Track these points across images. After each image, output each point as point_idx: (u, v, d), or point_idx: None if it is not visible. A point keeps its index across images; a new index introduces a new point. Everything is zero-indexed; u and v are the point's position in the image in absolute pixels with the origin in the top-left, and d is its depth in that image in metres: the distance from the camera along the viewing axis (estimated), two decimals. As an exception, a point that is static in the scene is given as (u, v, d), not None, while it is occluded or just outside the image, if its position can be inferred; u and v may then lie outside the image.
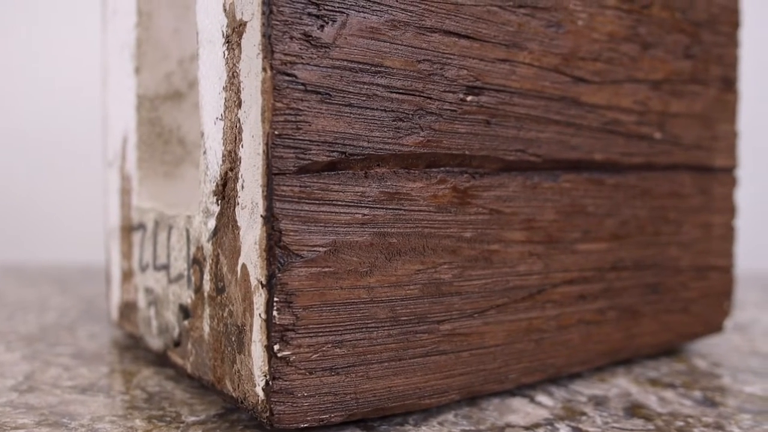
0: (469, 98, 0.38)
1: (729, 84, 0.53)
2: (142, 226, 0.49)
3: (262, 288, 0.33)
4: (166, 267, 0.45)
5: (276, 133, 0.32)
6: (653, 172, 0.48)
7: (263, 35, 0.33)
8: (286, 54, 0.33)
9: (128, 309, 0.52)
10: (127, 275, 0.51)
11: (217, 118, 0.37)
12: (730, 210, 0.54)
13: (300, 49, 0.33)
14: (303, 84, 0.33)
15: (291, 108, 0.33)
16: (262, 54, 0.33)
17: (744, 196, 0.60)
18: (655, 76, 0.47)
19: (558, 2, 0.42)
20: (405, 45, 0.36)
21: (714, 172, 0.53)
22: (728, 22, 0.53)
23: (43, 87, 0.96)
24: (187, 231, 0.41)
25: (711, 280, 0.53)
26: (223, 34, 0.36)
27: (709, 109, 0.52)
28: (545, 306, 0.43)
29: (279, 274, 0.33)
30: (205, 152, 0.38)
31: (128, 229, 0.51)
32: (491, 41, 0.39)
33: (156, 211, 0.46)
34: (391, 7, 0.35)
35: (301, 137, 0.33)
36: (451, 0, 0.37)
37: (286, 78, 0.33)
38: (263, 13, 0.33)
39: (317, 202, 0.34)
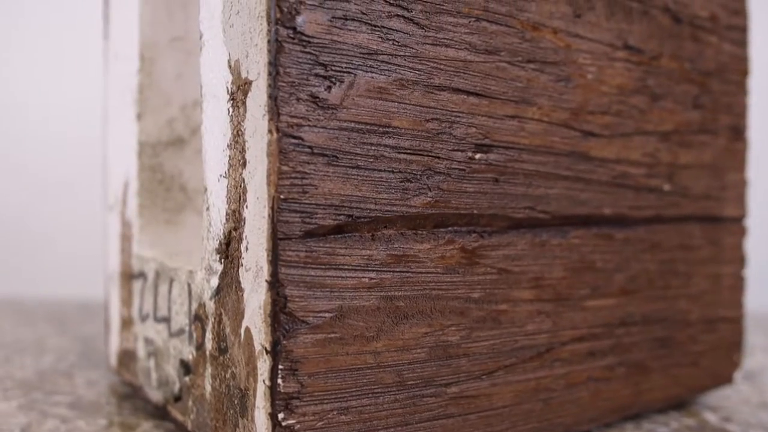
0: (477, 156, 0.38)
1: (738, 133, 0.53)
2: (142, 275, 0.48)
3: (267, 354, 0.32)
4: (166, 320, 0.44)
5: (282, 197, 0.32)
6: (663, 225, 0.47)
7: (269, 96, 0.32)
8: (292, 116, 0.32)
9: (127, 357, 0.51)
10: (126, 323, 0.51)
11: (221, 176, 0.36)
12: (740, 260, 0.54)
13: (307, 110, 0.32)
14: (309, 147, 0.32)
15: (297, 171, 0.32)
16: (268, 115, 0.32)
17: (751, 238, 0.59)
18: (664, 127, 0.47)
19: (567, 56, 0.41)
20: (413, 104, 0.35)
21: (723, 222, 0.52)
22: (737, 70, 0.52)
23: (44, 120, 0.96)
24: (189, 286, 0.41)
25: (720, 331, 0.52)
26: (227, 91, 0.35)
27: (718, 159, 0.51)
28: (554, 365, 0.42)
29: (284, 341, 0.32)
30: (208, 209, 0.38)
31: (128, 276, 0.50)
32: (500, 98, 0.38)
33: (157, 261, 0.45)
34: (399, 66, 0.35)
35: (307, 201, 0.32)
36: (460, 57, 0.37)
37: (293, 141, 0.32)
38: (269, 74, 0.32)
39: (323, 266, 0.33)
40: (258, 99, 0.33)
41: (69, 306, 0.88)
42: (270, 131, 0.32)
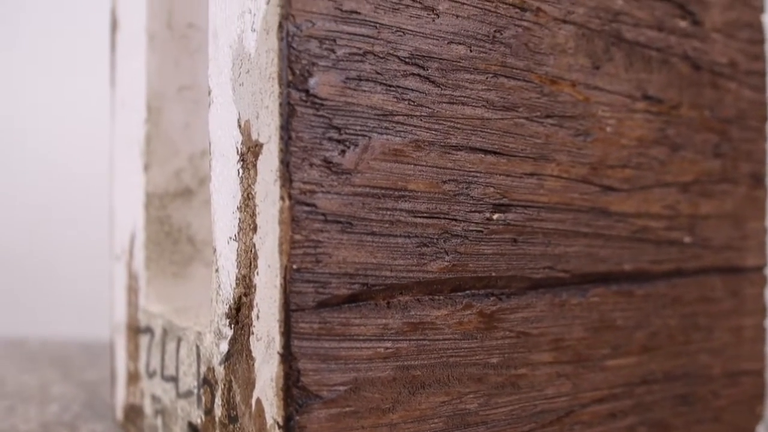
0: (495, 217, 0.36)
1: (758, 180, 0.51)
2: (149, 330, 0.46)
3: (279, 429, 0.31)
4: (174, 379, 0.43)
5: (295, 267, 0.30)
6: (683, 278, 0.46)
7: (281, 162, 0.31)
8: (305, 182, 0.31)
9: (134, 413, 0.49)
10: (133, 377, 0.49)
11: (230, 238, 0.35)
12: (761, 310, 0.52)
13: (320, 176, 0.31)
14: (323, 214, 0.31)
15: (310, 240, 0.31)
16: (280, 181, 0.31)
17: None
18: (684, 178, 0.45)
19: (586, 110, 0.40)
20: (429, 166, 0.34)
21: (744, 273, 0.51)
22: (757, 116, 0.51)
23: (49, 155, 0.95)
24: (197, 348, 0.39)
25: (743, 385, 0.51)
26: (237, 151, 0.34)
27: (738, 208, 0.50)
28: (574, 428, 0.40)
29: (297, 417, 0.31)
30: (217, 270, 0.36)
31: (135, 329, 0.49)
32: (518, 155, 0.37)
33: (165, 319, 0.44)
34: (415, 126, 0.34)
35: (320, 270, 0.31)
36: (477, 115, 0.36)
37: (306, 208, 0.31)
38: (281, 138, 0.31)
39: (338, 338, 0.32)
40: (269, 163, 0.32)
41: (73, 347, 0.87)
42: (282, 198, 0.31)
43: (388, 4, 0.33)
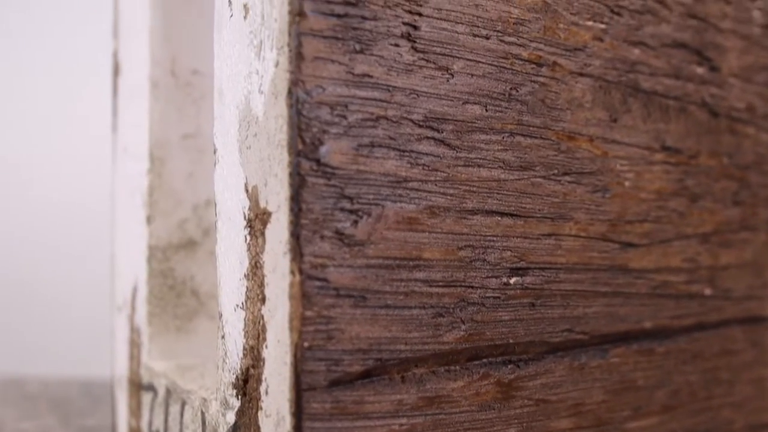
0: (513, 281, 0.35)
1: (778, 226, 0.50)
2: (152, 388, 0.45)
3: None
4: (178, 443, 0.41)
5: (306, 345, 0.29)
6: (704, 332, 0.44)
7: (291, 234, 0.29)
8: (316, 256, 0.29)
9: (136, 471, 0.48)
10: (135, 434, 0.48)
11: (237, 306, 0.34)
12: (782, 360, 0.51)
13: (332, 249, 0.30)
14: (335, 288, 0.30)
15: (322, 316, 0.29)
16: (290, 255, 0.29)
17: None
18: (704, 228, 0.44)
19: (604, 165, 0.39)
20: (445, 232, 0.33)
21: (765, 322, 0.49)
22: (776, 161, 0.50)
23: (49, 191, 0.94)
24: (203, 414, 0.38)
25: (764, 439, 0.49)
26: (244, 216, 0.33)
27: (758, 255, 0.48)
28: (594, 495, 0.39)
29: (308, 502, 0.29)
30: (223, 337, 0.35)
31: (137, 385, 0.47)
32: (535, 216, 0.36)
33: (168, 378, 0.42)
34: (429, 192, 0.32)
35: (333, 347, 0.30)
36: (493, 177, 0.34)
37: (317, 283, 0.29)
38: (291, 210, 0.29)
39: (351, 416, 0.30)
40: (278, 234, 0.30)
41: (74, 387, 0.85)
42: (292, 272, 0.29)
43: (401, 65, 0.32)
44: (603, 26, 0.39)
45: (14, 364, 0.93)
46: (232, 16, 0.35)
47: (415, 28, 0.33)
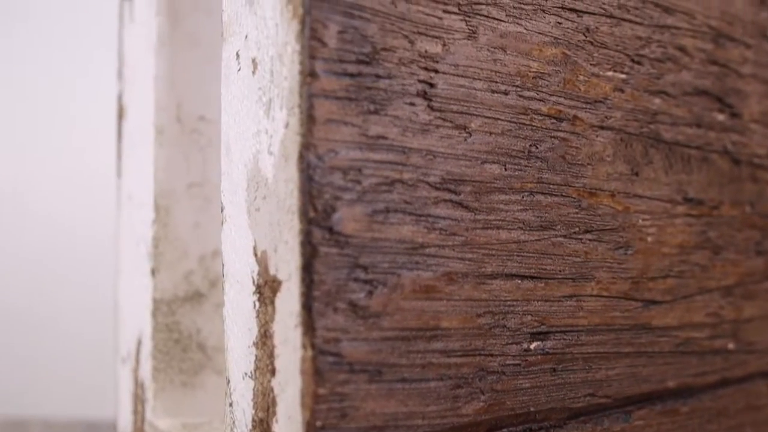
0: (533, 346, 0.33)
1: (802, 275, 0.48)
2: (156, 447, 0.43)
3: None
4: (183, 507, 0.40)
5: (318, 424, 0.28)
6: (728, 388, 0.43)
7: (303, 306, 0.28)
8: (329, 329, 0.28)
9: None
10: (138, 491, 0.46)
11: (246, 374, 0.32)
12: (808, 413, 0.49)
13: (345, 321, 0.28)
14: (349, 363, 0.28)
15: (336, 393, 0.28)
16: (302, 328, 0.28)
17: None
18: (726, 281, 0.43)
19: (626, 220, 0.37)
20: (463, 299, 0.31)
21: (790, 375, 0.47)
22: (799, 207, 0.48)
23: (51, 235, 0.92)
24: (209, 481, 0.36)
25: (791, 496, 0.47)
26: (253, 282, 0.32)
27: (782, 306, 0.47)
28: None
29: None
30: (231, 405, 0.33)
31: (141, 441, 0.46)
32: (556, 277, 0.34)
33: (173, 438, 0.41)
34: (447, 258, 0.31)
35: (346, 425, 0.28)
36: (513, 238, 0.33)
37: (330, 359, 0.28)
38: (302, 281, 0.28)
39: (365, 498, 0.29)
40: (289, 305, 0.29)
41: (77, 429, 0.84)
42: (304, 346, 0.28)
43: (417, 125, 0.30)
44: (623, 76, 0.38)
45: (17, 407, 0.91)
46: (240, 69, 0.34)
47: (432, 85, 0.31)
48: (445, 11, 0.32)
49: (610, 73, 0.37)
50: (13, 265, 0.89)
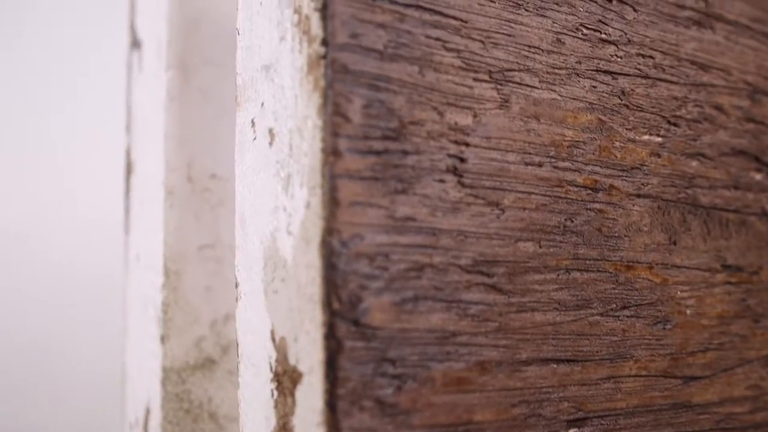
0: (570, 435, 0.31)
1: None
2: None
3: None
4: None
5: None
6: (770, 464, 0.40)
7: (326, 404, 0.26)
8: (355, 429, 0.26)
9: None
10: None
11: (263, 466, 0.30)
12: None
13: (372, 420, 0.26)
14: (377, 467, 0.26)
15: (362, 500, 0.26)
16: (325, 428, 0.26)
17: None
18: (767, 350, 0.40)
19: (664, 293, 0.35)
20: (497, 390, 0.29)
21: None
22: (838, 267, 0.46)
23: (58, 293, 0.90)
24: None
25: None
26: (270, 368, 0.29)
27: (823, 372, 0.44)
28: None
29: None
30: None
31: None
32: (593, 359, 0.32)
33: None
34: (480, 346, 0.29)
35: None
36: (548, 320, 0.31)
37: (357, 463, 0.26)
38: (326, 377, 0.26)
39: None
40: (311, 400, 0.27)
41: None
42: (329, 449, 0.26)
43: (447, 204, 0.28)
44: (660, 140, 0.36)
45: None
46: (255, 138, 0.32)
47: (462, 160, 0.29)
48: (475, 80, 0.30)
49: (646, 137, 0.35)
50: (16, 318, 0.87)
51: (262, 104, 0.31)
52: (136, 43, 0.48)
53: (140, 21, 0.48)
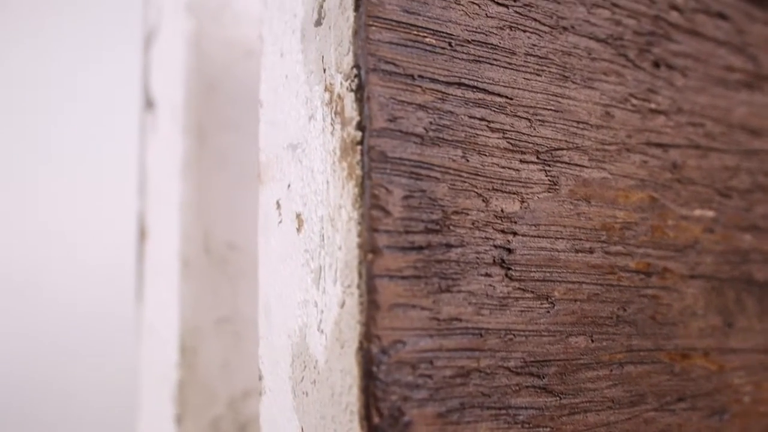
0: None
1: None
2: None
3: None
4: None
5: None
6: None
7: None
8: None
9: None
10: None
11: None
12: None
13: None
14: None
15: None
16: None
17: None
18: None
19: (720, 381, 0.32)
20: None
21: None
22: None
23: (68, 369, 0.88)
24: None
25: None
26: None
27: None
28: None
29: None
30: None
31: None
32: (650, 461, 0.29)
33: None
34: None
35: None
36: (601, 421, 0.28)
37: None
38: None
39: None
40: None
41: None
42: None
43: (494, 301, 0.26)
44: (712, 214, 0.33)
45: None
46: (281, 222, 0.30)
47: (509, 251, 0.27)
48: (522, 161, 0.28)
49: (698, 212, 0.33)
50: (19, 386, 0.84)
51: (289, 186, 0.29)
52: (149, 103, 0.46)
53: (154, 81, 0.46)
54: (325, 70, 0.27)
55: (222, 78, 0.42)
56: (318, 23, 0.28)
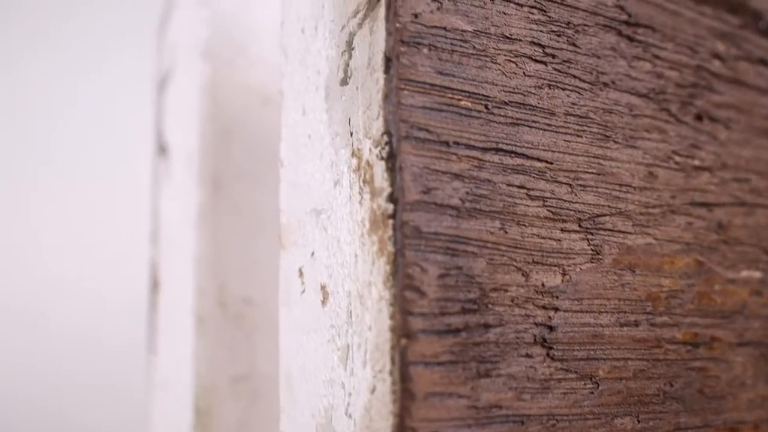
0: None
1: None
2: None
3: None
4: None
5: None
6: None
7: None
8: None
9: None
10: None
11: None
12: None
13: None
14: None
15: None
16: None
17: None
18: None
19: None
20: None
21: None
22: None
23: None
24: None
25: None
26: None
27: None
28: None
29: None
30: None
31: None
32: None
33: None
34: None
35: None
36: None
37: None
38: None
39: None
40: None
41: None
42: None
43: (535, 384, 0.24)
44: (759, 275, 0.31)
45: None
46: (304, 292, 0.28)
47: (551, 328, 0.25)
48: (563, 230, 0.26)
49: (745, 274, 0.31)
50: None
51: (313, 254, 0.27)
52: (162, 149, 0.44)
53: (167, 126, 0.44)
54: (352, 134, 0.25)
55: (238, 125, 0.40)
56: (344, 82, 0.26)
